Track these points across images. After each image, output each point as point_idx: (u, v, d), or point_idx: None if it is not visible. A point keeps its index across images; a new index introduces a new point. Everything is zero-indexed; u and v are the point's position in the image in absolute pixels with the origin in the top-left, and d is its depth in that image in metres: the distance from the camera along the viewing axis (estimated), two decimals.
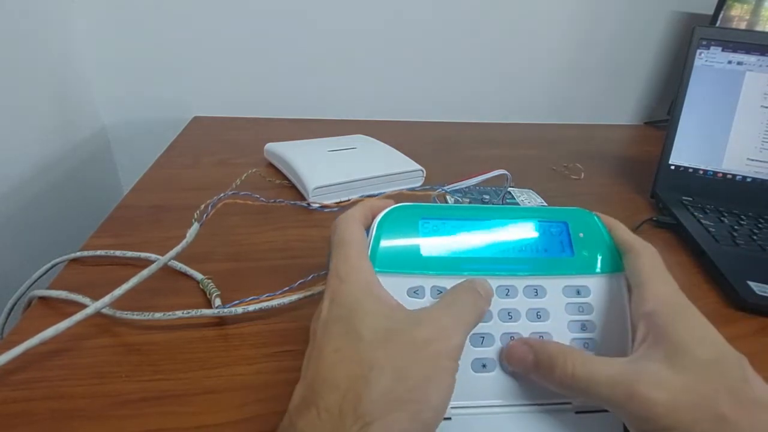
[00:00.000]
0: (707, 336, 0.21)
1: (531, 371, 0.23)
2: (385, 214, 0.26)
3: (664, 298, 0.22)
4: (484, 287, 0.24)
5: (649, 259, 0.25)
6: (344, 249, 0.23)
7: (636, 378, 0.19)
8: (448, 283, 0.24)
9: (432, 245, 0.25)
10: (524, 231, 0.27)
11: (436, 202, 0.41)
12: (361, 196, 0.49)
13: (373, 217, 0.26)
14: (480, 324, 0.24)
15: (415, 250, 0.25)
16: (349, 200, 0.49)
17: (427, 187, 0.40)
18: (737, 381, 0.19)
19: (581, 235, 0.27)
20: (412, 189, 0.40)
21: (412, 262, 0.24)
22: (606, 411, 0.23)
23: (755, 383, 0.19)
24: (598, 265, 0.26)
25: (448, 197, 0.47)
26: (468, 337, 0.24)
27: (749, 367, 0.20)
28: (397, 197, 0.28)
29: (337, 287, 0.22)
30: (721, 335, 0.21)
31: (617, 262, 0.26)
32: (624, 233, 0.27)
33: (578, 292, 0.26)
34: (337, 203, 0.48)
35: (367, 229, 0.26)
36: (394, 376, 0.18)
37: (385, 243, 0.25)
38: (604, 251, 0.26)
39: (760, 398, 0.19)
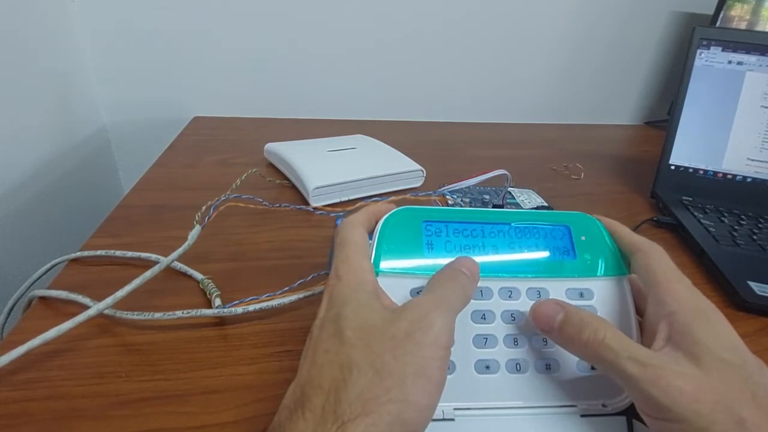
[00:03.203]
0: (730, 339, 0.21)
1: (555, 331, 0.23)
2: (388, 217, 0.26)
3: (683, 299, 0.22)
4: (468, 265, 0.23)
5: (659, 259, 0.24)
6: (345, 250, 0.24)
7: (665, 365, 0.19)
8: None
9: (435, 247, 0.25)
10: (527, 234, 0.27)
11: (437, 204, 0.41)
12: (362, 196, 0.49)
13: (377, 221, 0.26)
14: (483, 325, 0.24)
15: (418, 252, 0.25)
16: (348, 200, 0.49)
17: (430, 192, 0.40)
18: (760, 387, 0.19)
19: (583, 238, 0.27)
20: (415, 194, 0.40)
21: (415, 263, 0.25)
22: (611, 415, 0.23)
23: None
24: (601, 268, 0.26)
25: (448, 199, 0.47)
26: (472, 338, 0.24)
27: None
28: (401, 202, 0.28)
29: (334, 286, 0.22)
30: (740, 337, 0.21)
31: (620, 265, 0.26)
32: (628, 234, 0.27)
33: (581, 295, 0.26)
34: (337, 204, 0.48)
35: (371, 233, 0.26)
36: (372, 375, 0.18)
37: (388, 245, 0.25)
38: (606, 255, 0.26)
39: None
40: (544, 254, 0.26)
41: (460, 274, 0.23)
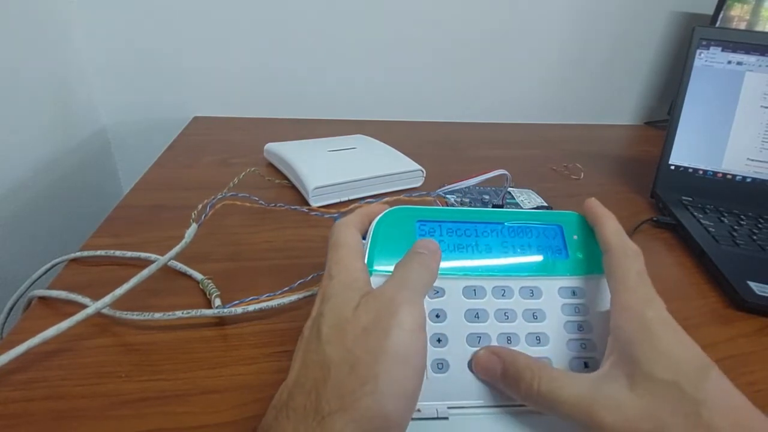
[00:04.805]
0: (670, 354, 0.20)
1: (499, 381, 0.23)
2: (382, 217, 0.26)
3: (632, 312, 0.22)
4: (425, 245, 0.24)
5: (624, 264, 0.23)
6: (338, 251, 0.24)
7: (596, 400, 0.19)
8: (445, 283, 0.25)
9: None
10: (519, 233, 0.27)
11: (437, 204, 0.41)
12: (361, 197, 0.49)
13: (370, 222, 0.26)
14: (476, 324, 0.24)
15: None
16: (348, 200, 0.49)
17: (424, 193, 0.40)
18: (694, 404, 0.18)
19: (575, 237, 0.27)
20: (409, 195, 0.40)
21: None
22: None
23: (713, 403, 0.19)
24: (593, 266, 0.26)
25: (447, 199, 0.47)
26: (465, 336, 0.24)
27: (717, 379, 0.19)
28: (395, 202, 0.28)
29: (327, 286, 0.22)
30: (691, 344, 0.21)
31: None
32: (607, 231, 0.25)
33: (574, 293, 0.26)
34: (334, 204, 0.48)
35: (365, 234, 0.26)
36: (347, 371, 0.18)
37: (382, 245, 0.25)
38: (598, 253, 0.26)
39: (711, 424, 0.18)
40: (536, 253, 0.26)
41: (417, 255, 0.23)
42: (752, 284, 0.39)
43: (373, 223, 0.26)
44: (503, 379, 0.22)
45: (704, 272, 0.43)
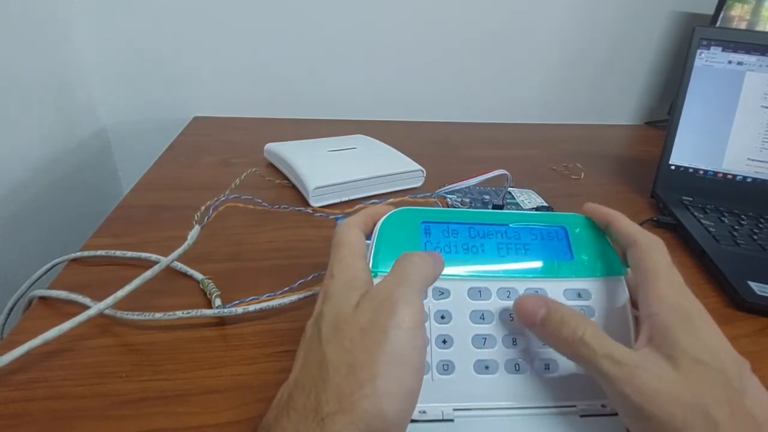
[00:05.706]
0: (710, 342, 0.20)
1: (536, 326, 0.23)
2: (386, 218, 0.26)
3: (668, 300, 0.22)
4: (429, 251, 0.24)
5: (653, 255, 0.24)
6: (340, 251, 0.24)
7: (640, 365, 0.19)
8: (450, 285, 0.25)
9: (433, 247, 0.25)
10: (524, 234, 0.27)
11: (438, 204, 0.41)
12: (362, 197, 0.49)
13: (374, 223, 0.26)
14: (481, 325, 0.24)
15: None
16: (349, 200, 0.49)
17: (427, 194, 0.40)
18: (737, 393, 0.19)
19: (580, 239, 0.27)
20: (413, 195, 0.40)
21: None
22: (610, 415, 0.23)
23: (752, 395, 0.19)
24: (598, 268, 0.26)
25: (448, 199, 0.47)
26: (471, 338, 0.24)
27: (749, 376, 0.20)
28: (399, 204, 0.28)
29: (328, 285, 0.22)
30: (725, 338, 0.21)
31: (616, 265, 0.26)
32: (627, 225, 0.26)
33: (579, 295, 0.26)
34: (335, 204, 0.48)
35: (369, 235, 0.26)
36: (346, 371, 0.18)
37: (386, 245, 0.25)
38: (602, 255, 0.26)
39: (753, 413, 0.18)
40: (541, 255, 0.26)
41: (419, 251, 0.23)
42: (753, 284, 0.39)
43: (378, 225, 0.26)
44: (543, 323, 0.22)
45: (705, 272, 0.43)
